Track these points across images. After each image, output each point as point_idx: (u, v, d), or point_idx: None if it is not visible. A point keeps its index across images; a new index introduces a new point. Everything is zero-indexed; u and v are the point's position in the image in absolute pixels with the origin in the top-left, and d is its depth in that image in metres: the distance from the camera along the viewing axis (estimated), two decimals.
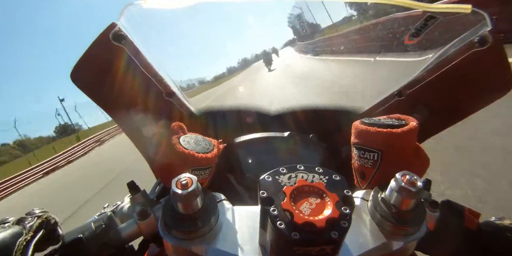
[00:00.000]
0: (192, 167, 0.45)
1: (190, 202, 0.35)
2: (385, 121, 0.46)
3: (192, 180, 0.35)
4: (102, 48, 0.53)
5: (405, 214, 0.35)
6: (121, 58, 0.55)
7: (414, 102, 0.62)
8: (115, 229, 0.45)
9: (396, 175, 0.35)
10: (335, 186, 0.33)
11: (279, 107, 0.79)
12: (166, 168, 0.46)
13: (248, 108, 0.79)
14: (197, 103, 0.74)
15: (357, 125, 0.47)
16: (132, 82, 0.60)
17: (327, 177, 0.34)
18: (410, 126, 0.43)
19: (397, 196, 0.35)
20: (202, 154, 0.46)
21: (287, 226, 0.29)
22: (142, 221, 0.45)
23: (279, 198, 0.31)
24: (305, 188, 0.32)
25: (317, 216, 0.29)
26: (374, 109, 0.70)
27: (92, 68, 0.56)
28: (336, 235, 0.29)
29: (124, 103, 0.61)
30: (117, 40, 0.52)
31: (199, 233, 0.36)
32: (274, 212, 0.30)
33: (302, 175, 0.34)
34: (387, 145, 0.43)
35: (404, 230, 0.36)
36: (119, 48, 0.53)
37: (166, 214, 0.37)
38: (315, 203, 0.31)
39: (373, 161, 0.44)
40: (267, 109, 0.79)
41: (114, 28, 0.51)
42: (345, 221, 0.30)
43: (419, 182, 0.34)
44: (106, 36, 0.52)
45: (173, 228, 0.36)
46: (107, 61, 0.55)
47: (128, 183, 0.50)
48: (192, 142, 0.48)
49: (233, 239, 0.37)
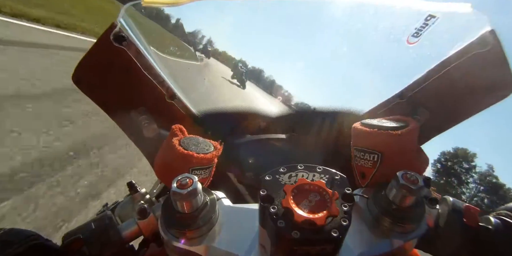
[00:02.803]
0: (192, 167, 0.45)
1: (190, 201, 0.35)
2: (386, 122, 0.46)
3: (192, 179, 0.35)
4: (103, 50, 0.53)
5: (405, 211, 0.35)
6: (123, 59, 0.55)
7: (415, 104, 0.62)
8: (115, 228, 0.45)
9: (397, 174, 0.35)
10: (336, 185, 0.33)
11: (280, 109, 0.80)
12: (166, 168, 0.46)
13: (249, 110, 0.79)
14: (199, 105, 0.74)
15: (357, 126, 0.48)
16: (134, 84, 0.60)
17: (327, 176, 0.34)
18: (410, 127, 0.43)
19: (397, 193, 0.35)
20: (201, 155, 0.46)
21: (287, 225, 0.29)
22: (142, 220, 0.45)
23: (279, 197, 0.31)
24: (305, 186, 0.32)
25: (317, 214, 0.29)
26: (375, 111, 0.70)
27: (93, 70, 0.56)
28: (337, 233, 0.28)
29: (126, 105, 0.61)
30: (118, 41, 0.52)
31: (199, 232, 0.36)
32: (274, 210, 0.30)
33: (303, 174, 0.34)
34: (387, 146, 0.43)
35: (404, 227, 0.36)
36: (120, 50, 0.53)
37: (166, 213, 0.37)
38: (315, 201, 0.31)
39: (373, 162, 0.44)
40: (268, 111, 0.79)
41: (114, 28, 0.51)
42: (345, 218, 0.30)
43: (419, 180, 0.34)
44: (107, 37, 0.52)
45: (173, 227, 0.36)
46: (108, 63, 0.55)
47: (128, 183, 0.50)
48: (192, 144, 0.48)
49: (233, 237, 0.37)
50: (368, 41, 0.70)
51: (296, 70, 0.84)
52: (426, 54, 0.61)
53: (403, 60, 0.66)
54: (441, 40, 0.58)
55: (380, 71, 0.72)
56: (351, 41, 0.73)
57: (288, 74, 0.89)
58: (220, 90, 0.97)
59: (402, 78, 0.64)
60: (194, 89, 0.80)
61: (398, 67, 0.69)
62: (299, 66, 0.82)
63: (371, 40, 0.69)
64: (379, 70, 0.72)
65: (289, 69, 0.86)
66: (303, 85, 0.88)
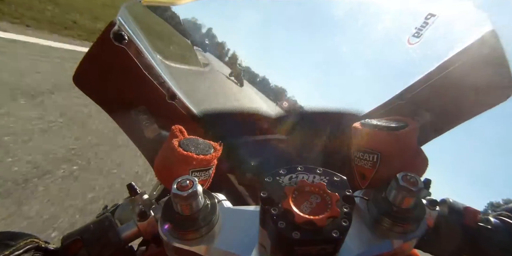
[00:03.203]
0: (192, 169, 0.45)
1: (190, 203, 0.35)
2: (385, 122, 0.46)
3: (192, 181, 0.35)
4: (103, 49, 0.53)
5: (405, 212, 0.36)
6: (123, 58, 0.54)
7: (416, 105, 0.62)
8: (115, 230, 0.45)
9: (397, 175, 0.35)
10: (336, 186, 0.33)
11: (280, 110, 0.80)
12: (166, 170, 0.46)
13: (249, 110, 0.79)
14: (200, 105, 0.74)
15: (356, 126, 0.48)
16: (134, 84, 0.60)
17: (327, 178, 0.34)
18: (410, 128, 0.43)
19: (397, 195, 0.35)
20: (201, 156, 0.46)
21: (288, 226, 0.29)
22: (142, 222, 0.45)
23: (279, 198, 0.31)
24: (305, 188, 0.32)
25: (318, 215, 0.29)
26: (375, 112, 0.70)
27: (94, 70, 0.56)
28: (337, 234, 0.28)
29: (127, 105, 0.61)
30: (118, 40, 0.52)
31: (199, 233, 0.36)
32: (274, 211, 0.30)
33: (303, 176, 0.34)
34: (386, 146, 0.43)
35: (404, 228, 0.36)
36: (120, 49, 0.53)
37: (166, 215, 0.37)
38: (315, 202, 0.31)
39: (372, 163, 0.44)
40: (269, 112, 0.79)
41: (113, 27, 0.51)
42: (346, 219, 0.30)
43: (419, 181, 0.34)
44: (107, 36, 0.51)
45: (173, 229, 0.36)
46: (108, 62, 0.55)
47: (127, 185, 0.50)
48: (192, 145, 0.48)
49: (233, 239, 0.37)
50: (368, 41, 0.70)
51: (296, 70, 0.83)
52: (426, 55, 0.61)
53: (403, 61, 0.66)
54: (441, 41, 0.58)
55: (380, 72, 0.72)
56: (351, 42, 0.73)
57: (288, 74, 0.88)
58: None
59: (403, 79, 0.64)
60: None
61: (398, 68, 0.69)
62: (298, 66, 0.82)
63: (371, 40, 0.69)
64: (380, 71, 0.72)
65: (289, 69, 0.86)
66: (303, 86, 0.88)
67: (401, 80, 0.65)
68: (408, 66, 0.65)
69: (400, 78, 0.67)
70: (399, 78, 0.67)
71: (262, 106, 0.80)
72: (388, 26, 0.62)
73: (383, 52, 0.69)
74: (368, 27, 0.66)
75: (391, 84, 0.69)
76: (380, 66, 0.71)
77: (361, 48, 0.72)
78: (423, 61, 0.61)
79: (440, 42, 0.58)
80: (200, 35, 0.76)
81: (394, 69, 0.69)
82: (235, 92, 0.90)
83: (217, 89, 0.95)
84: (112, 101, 0.60)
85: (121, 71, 0.57)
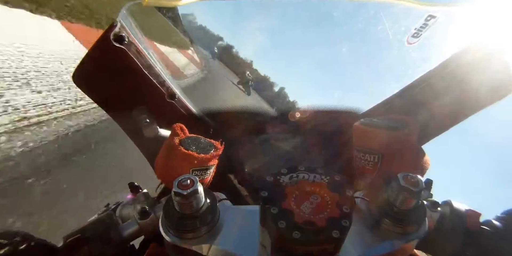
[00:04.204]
0: (193, 168, 0.46)
1: (191, 202, 0.35)
2: (386, 122, 0.46)
3: (193, 180, 0.35)
4: (103, 50, 0.53)
5: (406, 213, 0.35)
6: (123, 59, 0.55)
7: (415, 103, 0.62)
8: (116, 228, 0.46)
9: (398, 176, 0.35)
10: (337, 186, 0.33)
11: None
12: (167, 169, 0.46)
13: (249, 109, 0.79)
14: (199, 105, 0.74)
15: (357, 126, 0.47)
16: (134, 84, 0.60)
17: (328, 178, 0.34)
18: (410, 127, 0.43)
19: (398, 195, 0.35)
20: (202, 155, 0.46)
21: (288, 225, 0.29)
22: (143, 221, 0.45)
23: (280, 198, 0.31)
24: (306, 188, 0.32)
25: (318, 215, 0.29)
26: (376, 110, 0.70)
27: (94, 70, 0.56)
28: (337, 234, 0.28)
29: (127, 105, 0.61)
30: (118, 41, 0.52)
31: (200, 233, 0.36)
32: (274, 211, 0.30)
33: (304, 175, 0.34)
34: (387, 147, 0.43)
35: (405, 229, 0.36)
36: (120, 49, 0.53)
37: (167, 214, 0.37)
38: (316, 202, 0.31)
39: (373, 163, 0.44)
40: (269, 111, 0.79)
41: (114, 28, 0.51)
42: (346, 220, 0.30)
43: (420, 182, 0.34)
44: (107, 37, 0.51)
45: (174, 228, 0.36)
46: (108, 62, 0.55)
47: (129, 184, 0.50)
48: (193, 143, 0.48)
49: (234, 238, 0.37)
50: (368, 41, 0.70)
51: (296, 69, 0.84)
52: (426, 54, 0.61)
53: (403, 60, 0.66)
54: (441, 40, 0.58)
55: (380, 71, 0.72)
56: (351, 41, 0.72)
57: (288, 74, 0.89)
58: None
59: (403, 78, 0.64)
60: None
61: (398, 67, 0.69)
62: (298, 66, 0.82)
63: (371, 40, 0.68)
64: (379, 70, 0.72)
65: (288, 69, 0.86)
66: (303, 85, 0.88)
67: (401, 78, 0.65)
68: (408, 65, 0.65)
69: (400, 76, 0.66)
70: (399, 76, 0.67)
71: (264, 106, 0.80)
72: (388, 26, 0.62)
73: (383, 52, 0.69)
74: (368, 27, 0.66)
75: (391, 82, 0.69)
76: (380, 65, 0.71)
77: (361, 48, 0.72)
78: (422, 60, 0.61)
79: (439, 41, 0.58)
80: (207, 42, 0.76)
81: (393, 67, 0.69)
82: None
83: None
84: (111, 100, 0.60)
85: (121, 71, 0.57)
